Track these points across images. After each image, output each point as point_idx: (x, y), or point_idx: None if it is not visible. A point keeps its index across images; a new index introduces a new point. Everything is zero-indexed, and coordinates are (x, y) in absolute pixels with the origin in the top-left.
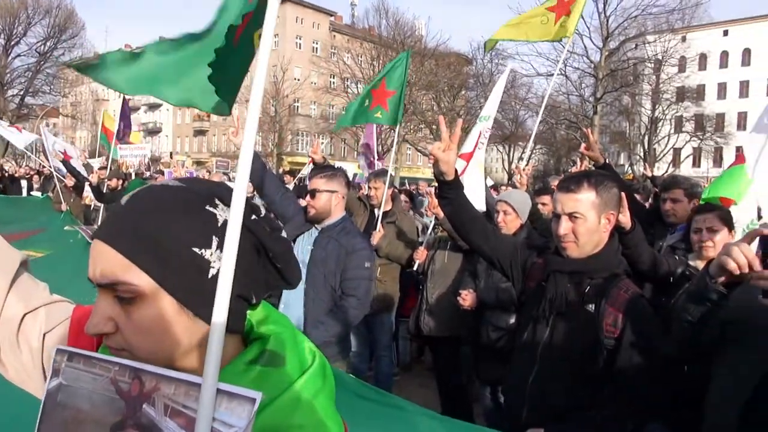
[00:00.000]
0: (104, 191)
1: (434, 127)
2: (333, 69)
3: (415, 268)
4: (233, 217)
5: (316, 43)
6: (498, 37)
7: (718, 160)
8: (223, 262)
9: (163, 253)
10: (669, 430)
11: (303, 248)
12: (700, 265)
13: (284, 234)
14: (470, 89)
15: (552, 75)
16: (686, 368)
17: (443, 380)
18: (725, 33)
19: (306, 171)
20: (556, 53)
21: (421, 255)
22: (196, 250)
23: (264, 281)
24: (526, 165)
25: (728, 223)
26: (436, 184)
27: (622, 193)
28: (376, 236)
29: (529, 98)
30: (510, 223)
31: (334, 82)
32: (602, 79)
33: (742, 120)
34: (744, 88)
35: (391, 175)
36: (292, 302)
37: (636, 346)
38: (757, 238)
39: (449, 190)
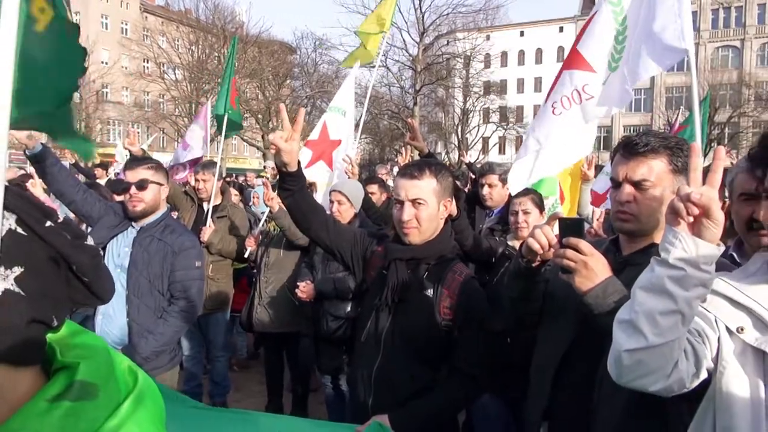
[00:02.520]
0: None
1: (260, 116)
2: (147, 53)
3: (246, 255)
4: None
5: (125, 24)
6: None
7: (519, 148)
8: None
9: None
10: (498, 398)
11: (119, 252)
12: (517, 244)
13: (90, 241)
14: (295, 78)
15: (374, 67)
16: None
17: (274, 377)
18: (522, 34)
19: (118, 167)
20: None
21: (252, 242)
22: None
23: (67, 299)
24: (354, 155)
25: (540, 206)
26: (267, 175)
27: (456, 182)
28: (207, 232)
29: (355, 89)
30: (345, 212)
31: (148, 67)
32: (420, 72)
33: (537, 112)
34: (538, 84)
35: (219, 167)
36: (114, 312)
37: (469, 325)
38: (557, 221)
39: (291, 181)
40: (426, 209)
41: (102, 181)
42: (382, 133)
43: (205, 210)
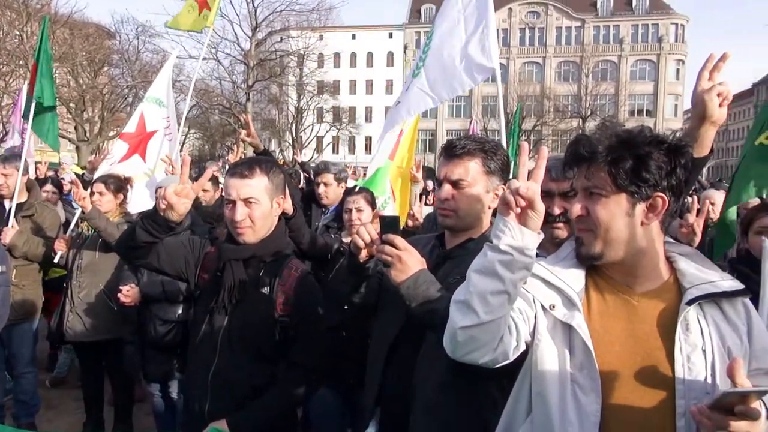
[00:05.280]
0: None
1: (72, 105)
2: None
3: (56, 261)
4: None
5: None
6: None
7: (352, 148)
8: None
9: None
10: (334, 389)
11: None
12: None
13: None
14: (114, 66)
15: (204, 59)
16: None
17: (92, 390)
18: (354, 36)
19: None
20: (208, 37)
21: (61, 244)
22: None
23: None
24: (181, 150)
25: (372, 204)
26: (71, 172)
27: (293, 180)
28: (9, 233)
29: (181, 80)
30: None
31: None
32: (253, 67)
33: (369, 113)
34: (369, 86)
35: (26, 160)
36: None
37: (306, 320)
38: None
39: (165, 230)
40: (259, 208)
41: None
42: (213, 129)
43: (7, 209)
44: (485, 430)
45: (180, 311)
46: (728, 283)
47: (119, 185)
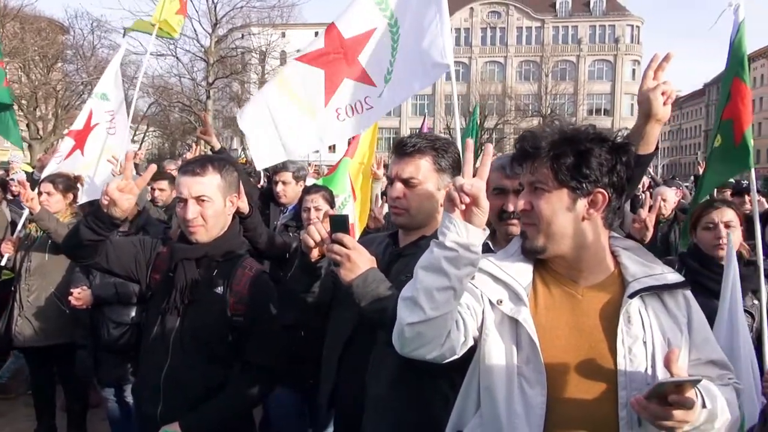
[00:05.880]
0: None
1: (24, 102)
2: None
3: (2, 263)
4: None
5: None
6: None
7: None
8: None
9: None
10: (293, 389)
11: None
12: None
13: None
14: (68, 62)
15: (161, 55)
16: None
17: (43, 397)
18: (316, 34)
19: None
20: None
21: (8, 247)
22: None
23: None
24: (139, 149)
25: (330, 202)
26: (20, 171)
27: (251, 179)
28: None
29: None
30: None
31: None
32: (213, 64)
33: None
34: None
35: None
36: None
37: (260, 320)
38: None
39: (111, 228)
40: (211, 206)
41: None
42: (172, 127)
43: None
44: (437, 425)
45: (133, 313)
46: (669, 276)
47: (68, 185)
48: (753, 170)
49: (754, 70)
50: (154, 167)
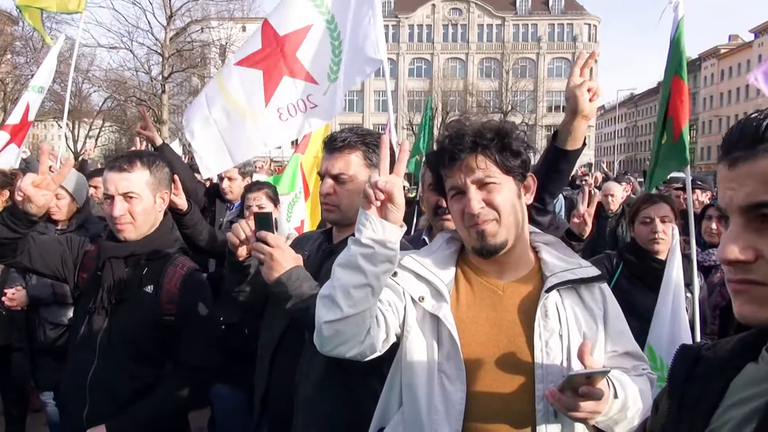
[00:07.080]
0: None
1: None
2: None
3: None
4: None
5: None
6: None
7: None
8: None
9: None
10: (237, 388)
11: None
12: None
13: None
14: (18, 53)
15: (114, 48)
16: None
17: None
18: None
19: None
20: (119, 25)
21: None
22: None
23: None
24: (95, 145)
25: (274, 200)
26: None
27: (174, 174)
28: None
29: (92, 71)
30: (64, 207)
31: None
32: (169, 58)
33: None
34: None
35: None
36: None
37: (192, 319)
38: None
39: (29, 225)
40: (140, 203)
41: None
42: (130, 122)
43: None
44: (367, 422)
45: (71, 314)
46: (586, 270)
47: (4, 181)
48: (689, 167)
49: (705, 69)
50: (71, 162)
